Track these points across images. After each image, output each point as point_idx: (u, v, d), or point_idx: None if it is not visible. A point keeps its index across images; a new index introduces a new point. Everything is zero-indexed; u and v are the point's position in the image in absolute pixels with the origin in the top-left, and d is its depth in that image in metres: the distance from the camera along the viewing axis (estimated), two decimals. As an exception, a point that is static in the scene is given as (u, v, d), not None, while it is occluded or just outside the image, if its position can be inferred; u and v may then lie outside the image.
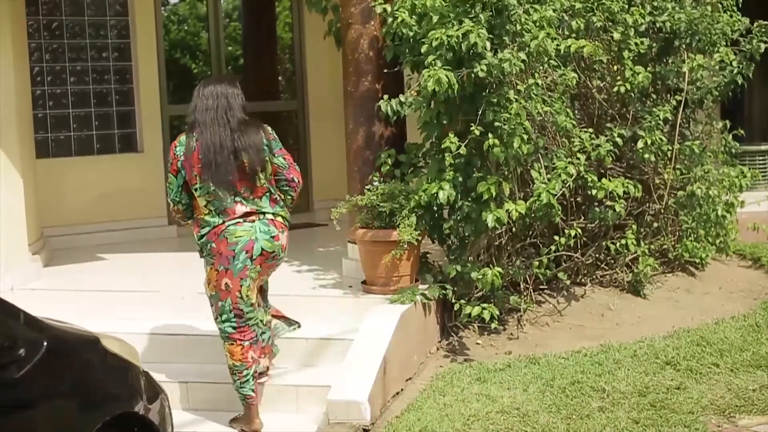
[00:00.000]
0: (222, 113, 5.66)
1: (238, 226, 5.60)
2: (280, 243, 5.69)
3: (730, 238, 8.59)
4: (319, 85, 10.79)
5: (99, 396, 4.24)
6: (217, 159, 5.56)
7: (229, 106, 5.68)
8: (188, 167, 5.61)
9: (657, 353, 6.51)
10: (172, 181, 5.70)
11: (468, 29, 6.36)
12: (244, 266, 5.59)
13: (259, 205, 5.65)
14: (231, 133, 5.61)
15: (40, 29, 9.41)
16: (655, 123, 7.57)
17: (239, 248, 5.58)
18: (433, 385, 6.19)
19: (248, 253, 5.59)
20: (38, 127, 9.18)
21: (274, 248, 5.67)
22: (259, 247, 5.60)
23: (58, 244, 8.96)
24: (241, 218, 5.61)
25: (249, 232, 5.59)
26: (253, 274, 5.64)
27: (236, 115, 5.67)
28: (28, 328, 4.01)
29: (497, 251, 7.02)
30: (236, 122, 5.65)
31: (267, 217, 5.66)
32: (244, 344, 5.72)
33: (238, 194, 5.60)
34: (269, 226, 5.65)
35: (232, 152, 5.58)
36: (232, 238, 5.58)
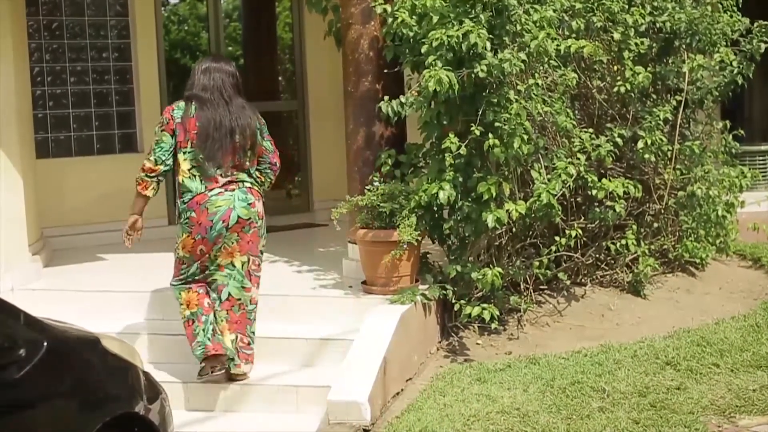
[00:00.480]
0: (219, 93, 6.04)
1: (219, 195, 5.94)
2: (256, 210, 6.03)
3: (731, 238, 8.59)
4: (320, 86, 10.79)
5: (99, 396, 4.25)
6: (214, 135, 5.94)
7: (224, 86, 6.06)
8: (182, 131, 5.96)
9: (657, 353, 6.51)
10: (167, 140, 5.97)
11: (468, 29, 6.36)
12: (219, 234, 5.93)
13: (240, 176, 6.02)
14: (229, 114, 5.99)
15: (41, 29, 9.41)
16: (656, 123, 7.57)
17: (217, 218, 5.92)
18: (434, 385, 6.19)
19: (224, 222, 5.93)
20: (38, 128, 9.17)
21: (250, 215, 6.00)
22: (236, 215, 5.94)
23: (58, 245, 8.96)
24: (222, 187, 5.95)
25: (228, 201, 5.94)
26: (228, 242, 5.97)
27: (233, 96, 6.05)
28: (28, 329, 4.01)
29: (497, 251, 7.02)
30: (234, 103, 6.04)
31: (246, 185, 6.03)
32: (200, 291, 6.04)
33: (221, 168, 5.96)
34: (247, 194, 6.01)
35: (229, 131, 5.97)
36: (213, 208, 5.91)
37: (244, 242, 6.03)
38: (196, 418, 6.06)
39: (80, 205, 9.43)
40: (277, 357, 6.45)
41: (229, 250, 6.01)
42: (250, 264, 6.14)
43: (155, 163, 6.01)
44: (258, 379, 6.25)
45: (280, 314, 6.88)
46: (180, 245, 6.06)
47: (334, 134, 10.32)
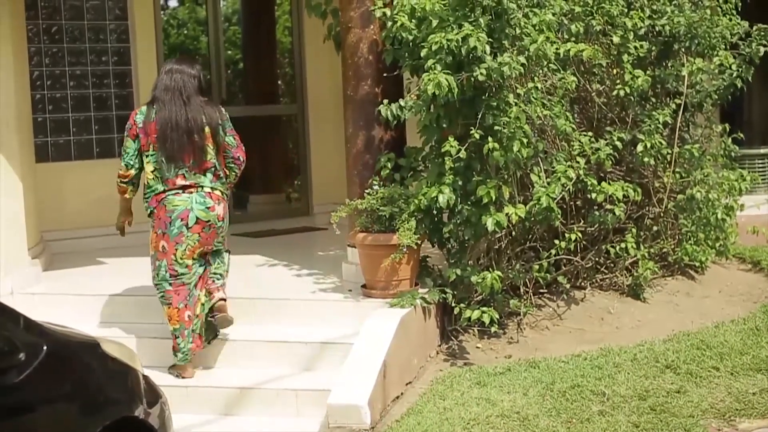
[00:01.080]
0: (179, 93, 6.27)
1: (177, 196, 6.25)
2: (216, 213, 6.29)
3: (730, 241, 8.59)
4: (319, 89, 10.79)
5: (99, 400, 4.24)
6: (171, 136, 6.20)
7: (185, 87, 6.30)
8: (143, 135, 6.27)
9: (657, 357, 6.51)
10: (130, 145, 6.33)
11: (467, 33, 6.36)
12: (179, 232, 6.23)
13: (199, 180, 6.27)
14: (186, 113, 6.23)
15: (40, 33, 9.41)
16: (655, 126, 7.57)
17: (175, 215, 6.22)
18: (433, 389, 6.19)
19: (183, 221, 6.23)
20: (38, 131, 9.17)
21: (209, 217, 6.27)
22: (194, 216, 6.23)
23: (57, 248, 8.96)
24: (180, 189, 6.24)
25: (185, 202, 6.23)
26: (190, 241, 6.26)
27: (192, 96, 6.28)
28: (27, 333, 4.00)
29: (497, 255, 7.02)
30: (192, 102, 6.27)
31: (204, 190, 6.27)
32: (179, 306, 6.33)
33: (182, 168, 6.23)
34: (205, 198, 6.27)
35: (185, 131, 6.21)
36: (170, 206, 6.23)
37: (203, 241, 6.33)
38: (196, 421, 6.06)
39: (80, 208, 9.43)
40: (276, 361, 6.45)
41: (192, 249, 6.29)
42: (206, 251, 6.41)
43: (126, 168, 6.38)
44: (258, 383, 6.25)
45: (280, 318, 6.88)
46: (150, 244, 6.43)
47: (333, 138, 10.33)
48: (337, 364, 6.16)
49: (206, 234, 6.30)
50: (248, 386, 6.22)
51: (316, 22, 8.62)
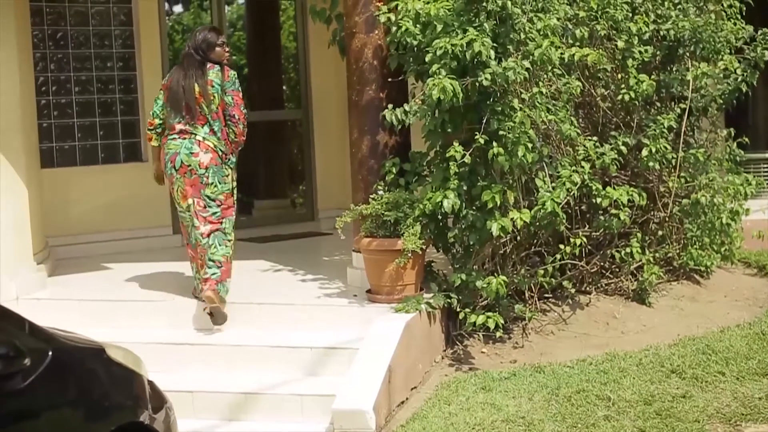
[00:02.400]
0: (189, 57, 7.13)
1: (173, 141, 7.03)
2: (198, 159, 6.94)
3: (735, 246, 8.57)
4: (324, 94, 10.80)
5: (104, 406, 4.24)
6: (176, 92, 7.06)
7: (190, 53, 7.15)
8: (165, 90, 7.20)
9: (662, 361, 6.50)
10: (160, 98, 7.21)
11: (472, 38, 6.37)
12: (171, 174, 7.02)
13: (195, 129, 7.00)
14: (185, 75, 7.07)
15: (45, 39, 9.43)
16: (660, 131, 7.57)
17: (167, 158, 7.02)
18: (438, 394, 6.18)
19: (172, 164, 6.99)
20: (43, 137, 9.18)
21: (190, 162, 6.93)
22: (180, 160, 6.95)
23: (62, 254, 8.96)
24: (177, 134, 7.02)
25: (177, 147, 6.99)
26: (179, 183, 7.00)
27: (195, 59, 7.10)
28: (33, 338, 4.01)
29: (502, 260, 7.02)
30: (193, 66, 7.08)
31: (196, 138, 6.98)
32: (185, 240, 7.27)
33: (182, 117, 7.01)
34: (193, 145, 6.96)
35: (183, 89, 7.03)
36: (166, 149, 7.04)
37: (189, 186, 6.96)
38: (201, 426, 6.06)
39: (85, 214, 9.45)
40: (282, 366, 6.44)
41: (183, 193, 7.00)
42: (195, 205, 6.97)
43: (151, 117, 7.26)
44: (263, 388, 6.24)
45: (285, 323, 6.88)
46: None
47: (338, 143, 10.33)
48: (342, 369, 6.16)
49: (190, 180, 6.95)
50: (253, 391, 6.22)
51: (320, 28, 8.63)
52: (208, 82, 7.04)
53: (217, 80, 7.07)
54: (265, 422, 6.07)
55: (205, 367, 6.57)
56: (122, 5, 9.80)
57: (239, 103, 7.12)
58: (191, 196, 6.95)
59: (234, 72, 7.21)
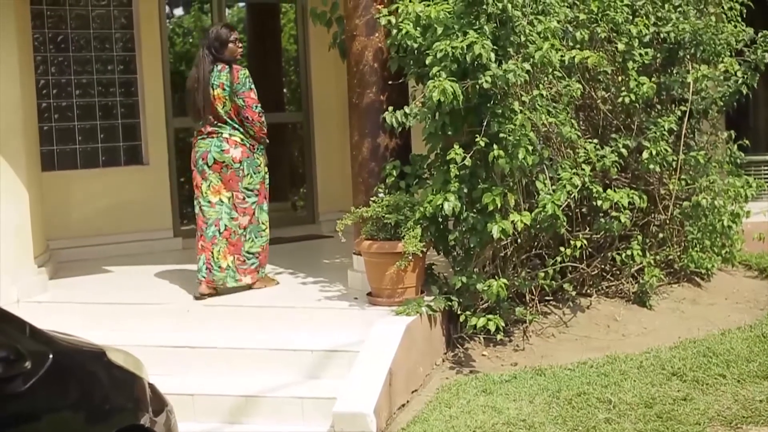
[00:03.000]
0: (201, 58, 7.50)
1: (203, 140, 7.48)
2: (230, 155, 7.43)
3: (736, 248, 8.57)
4: (324, 97, 10.81)
5: (105, 409, 4.24)
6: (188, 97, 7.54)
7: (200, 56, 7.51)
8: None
9: (663, 364, 6.50)
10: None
11: (472, 40, 6.37)
12: (203, 170, 7.44)
13: (220, 128, 7.45)
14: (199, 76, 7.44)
15: (46, 42, 9.44)
16: (660, 133, 7.57)
17: (198, 156, 7.47)
18: (439, 396, 6.18)
19: (204, 161, 7.44)
20: (44, 140, 9.19)
21: (224, 159, 7.43)
22: (212, 157, 7.41)
23: (63, 257, 8.97)
24: (207, 135, 7.47)
25: (207, 145, 7.45)
26: (212, 178, 7.45)
27: (203, 62, 7.44)
28: (33, 341, 4.01)
29: (502, 262, 7.02)
30: (203, 67, 7.43)
31: (223, 135, 7.44)
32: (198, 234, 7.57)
33: (206, 119, 7.45)
34: (222, 143, 7.44)
35: (195, 91, 7.46)
36: (197, 147, 7.48)
37: (225, 181, 7.44)
38: (202, 429, 6.06)
39: (85, 217, 9.46)
40: (282, 368, 6.44)
41: (216, 188, 7.44)
42: (234, 198, 7.47)
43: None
44: (263, 391, 6.24)
45: (286, 326, 6.88)
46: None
47: (338, 145, 10.35)
48: (343, 372, 6.15)
49: (226, 175, 7.45)
50: (254, 394, 6.22)
51: (321, 31, 8.64)
52: (220, 85, 7.39)
53: (227, 83, 7.39)
54: (265, 425, 6.06)
55: (206, 370, 6.56)
56: (123, 8, 9.81)
57: (250, 104, 7.43)
58: (229, 190, 7.44)
59: (245, 71, 7.47)
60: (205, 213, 7.49)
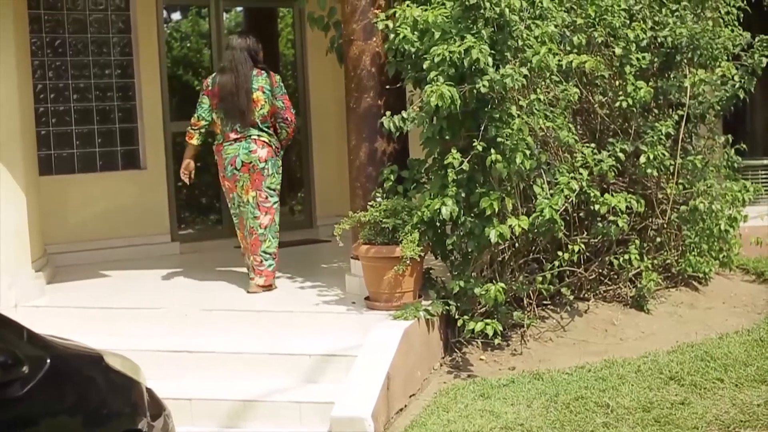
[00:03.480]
0: (233, 66, 7.73)
1: (230, 145, 7.72)
2: (257, 155, 7.67)
3: (734, 252, 8.57)
4: (322, 102, 10.81)
5: (102, 413, 4.24)
6: (227, 99, 7.70)
7: (237, 60, 7.74)
8: (212, 96, 7.78)
9: (661, 368, 6.50)
10: (205, 102, 7.82)
11: (470, 45, 6.37)
12: (233, 175, 7.73)
13: (248, 132, 7.69)
14: (236, 82, 7.67)
15: (44, 47, 9.44)
16: (657, 138, 7.57)
17: (227, 162, 7.73)
18: (437, 401, 6.18)
19: (233, 165, 7.70)
20: (41, 145, 9.19)
21: (251, 159, 7.67)
22: (240, 160, 7.68)
23: (61, 261, 8.96)
24: (234, 140, 7.71)
25: (235, 150, 7.71)
26: (243, 180, 7.71)
27: (243, 66, 7.71)
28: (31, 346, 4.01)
29: (500, 267, 7.02)
30: (241, 72, 7.69)
31: (251, 137, 7.69)
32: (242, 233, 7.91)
33: (235, 124, 7.69)
34: (249, 144, 7.68)
35: (236, 96, 7.66)
36: (224, 154, 7.75)
37: (252, 180, 7.69)
38: (200, 434, 6.06)
39: (83, 221, 9.45)
40: (280, 373, 6.44)
41: (246, 188, 7.71)
42: (257, 197, 7.71)
43: (197, 119, 7.84)
44: (261, 395, 6.24)
45: (284, 330, 6.88)
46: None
47: (336, 150, 10.34)
48: (340, 377, 6.15)
49: (254, 175, 7.69)
50: (251, 399, 6.22)
51: (318, 35, 8.64)
52: (260, 88, 7.69)
53: (267, 86, 7.72)
54: (263, 430, 6.06)
55: (204, 375, 6.56)
56: (120, 13, 9.81)
57: (289, 106, 7.85)
58: (254, 189, 7.70)
59: (278, 76, 7.85)
60: (241, 210, 7.83)
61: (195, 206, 10.77)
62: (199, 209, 10.80)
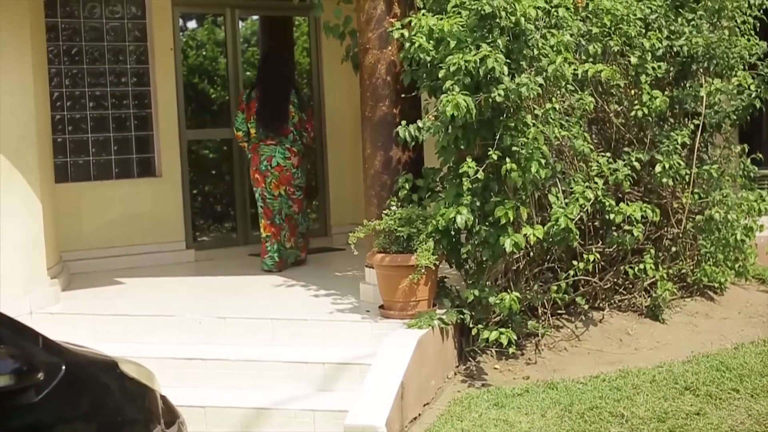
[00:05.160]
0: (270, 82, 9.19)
1: (267, 147, 9.14)
2: (291, 162, 9.17)
3: (749, 262, 8.54)
4: (337, 110, 10.83)
5: (116, 420, 4.24)
6: (264, 110, 9.13)
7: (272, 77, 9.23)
8: (248, 110, 9.22)
9: (676, 378, 6.48)
10: (240, 116, 9.29)
11: (485, 54, 6.37)
12: (265, 170, 9.12)
13: (281, 139, 9.14)
14: (275, 95, 9.12)
15: (60, 55, 9.48)
16: (673, 147, 7.56)
17: (263, 159, 9.13)
18: (451, 410, 6.17)
19: (268, 163, 9.11)
20: (57, 152, 9.23)
21: (285, 164, 9.15)
22: (276, 160, 9.10)
23: (76, 268, 9.00)
24: (268, 144, 9.13)
25: (272, 150, 9.13)
26: (273, 177, 9.12)
27: (279, 83, 9.16)
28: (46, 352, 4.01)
29: (515, 276, 7.01)
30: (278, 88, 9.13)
31: (285, 145, 9.15)
32: (267, 222, 9.26)
33: (271, 132, 9.12)
34: (285, 151, 9.14)
35: (274, 107, 9.11)
36: (261, 152, 9.16)
37: (283, 178, 9.14)
38: (213, 442, 6.06)
39: (98, 229, 9.48)
40: (294, 381, 6.45)
41: (276, 183, 9.12)
42: (287, 191, 9.18)
43: (236, 131, 9.37)
44: (275, 403, 6.24)
45: (298, 338, 6.88)
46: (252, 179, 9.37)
47: (351, 158, 10.36)
48: (354, 385, 6.15)
49: (284, 175, 9.13)
50: (265, 406, 6.22)
51: (334, 44, 8.66)
52: (291, 102, 9.11)
53: (296, 101, 9.16)
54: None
55: (218, 382, 6.57)
56: (137, 21, 9.85)
57: (311, 118, 9.42)
58: (285, 185, 9.14)
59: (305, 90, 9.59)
60: (270, 205, 9.18)
61: (210, 214, 10.81)
62: (213, 217, 10.83)
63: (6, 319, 4.00)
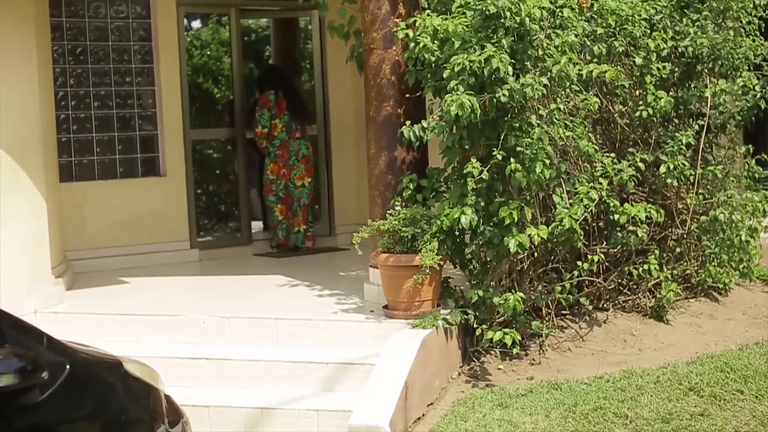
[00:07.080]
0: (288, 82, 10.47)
1: (295, 141, 10.19)
2: (311, 151, 10.30)
3: (754, 263, 8.53)
4: (341, 110, 10.82)
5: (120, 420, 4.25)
6: (293, 107, 10.23)
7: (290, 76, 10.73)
8: (276, 108, 10.14)
9: (680, 379, 6.46)
10: (265, 114, 10.13)
11: (490, 54, 6.37)
12: (293, 163, 10.16)
13: (304, 133, 10.28)
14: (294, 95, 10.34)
15: (65, 54, 9.49)
16: (678, 148, 7.55)
17: (293, 152, 10.20)
18: (455, 410, 6.17)
19: (296, 156, 10.19)
20: (62, 151, 9.23)
21: (308, 153, 10.29)
22: (302, 153, 10.21)
23: (80, 268, 9.00)
24: (295, 138, 10.18)
25: (298, 144, 10.22)
26: (299, 169, 10.19)
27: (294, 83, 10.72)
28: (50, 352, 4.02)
29: (519, 276, 7.01)
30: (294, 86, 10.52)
31: (306, 138, 10.25)
32: (284, 207, 10.20)
33: (298, 126, 10.21)
34: (306, 142, 10.25)
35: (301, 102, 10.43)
36: (291, 147, 10.18)
37: (307, 169, 10.24)
38: (217, 442, 6.07)
39: (103, 228, 9.48)
40: (298, 381, 6.45)
41: (300, 174, 10.17)
42: (312, 182, 10.30)
43: (261, 128, 10.16)
44: (279, 403, 6.25)
45: (302, 338, 6.88)
46: (269, 172, 10.28)
47: (355, 158, 10.36)
48: (358, 385, 6.15)
49: (308, 166, 10.23)
50: (269, 406, 6.23)
51: (338, 44, 8.66)
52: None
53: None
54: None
55: (222, 382, 6.58)
56: (141, 21, 9.86)
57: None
58: (309, 176, 10.22)
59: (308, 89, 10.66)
60: (292, 194, 10.19)
61: (214, 213, 10.81)
62: (218, 217, 10.84)
63: (10, 318, 4.01)
